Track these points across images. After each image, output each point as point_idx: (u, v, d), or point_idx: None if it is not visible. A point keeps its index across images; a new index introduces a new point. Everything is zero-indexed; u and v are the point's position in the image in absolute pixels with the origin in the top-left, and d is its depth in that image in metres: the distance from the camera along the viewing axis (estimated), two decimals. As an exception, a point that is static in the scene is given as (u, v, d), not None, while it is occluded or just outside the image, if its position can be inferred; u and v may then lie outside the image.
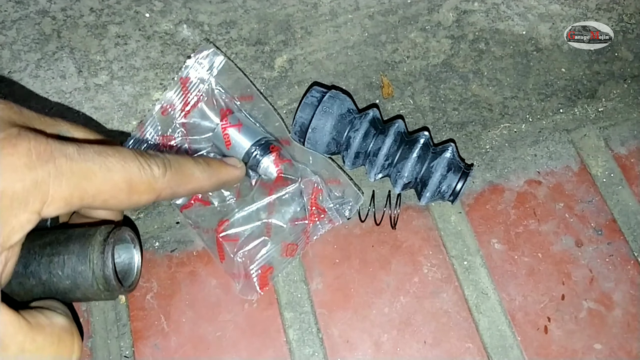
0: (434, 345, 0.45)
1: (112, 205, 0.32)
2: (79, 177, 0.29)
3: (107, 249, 0.35)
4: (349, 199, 0.48)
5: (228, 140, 0.47)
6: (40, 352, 0.29)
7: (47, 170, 0.28)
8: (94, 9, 0.57)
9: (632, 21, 0.59)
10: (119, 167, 0.31)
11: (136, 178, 0.32)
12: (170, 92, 0.49)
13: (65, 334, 0.31)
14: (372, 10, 0.59)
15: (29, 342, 0.28)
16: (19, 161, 0.27)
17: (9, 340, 0.27)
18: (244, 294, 0.46)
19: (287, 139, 0.49)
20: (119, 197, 0.32)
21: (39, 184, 0.27)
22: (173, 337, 0.45)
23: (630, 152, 0.52)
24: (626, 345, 0.45)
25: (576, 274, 0.47)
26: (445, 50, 0.57)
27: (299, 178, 0.48)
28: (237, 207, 0.48)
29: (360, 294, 0.46)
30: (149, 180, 0.33)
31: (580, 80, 0.56)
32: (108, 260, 0.35)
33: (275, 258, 0.47)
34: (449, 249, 0.48)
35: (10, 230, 0.27)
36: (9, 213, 0.27)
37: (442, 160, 0.45)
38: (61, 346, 0.30)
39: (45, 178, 0.28)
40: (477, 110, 0.54)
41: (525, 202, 0.50)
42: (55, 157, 0.28)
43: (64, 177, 0.28)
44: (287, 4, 0.59)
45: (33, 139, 0.28)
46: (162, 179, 0.34)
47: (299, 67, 0.56)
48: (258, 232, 0.47)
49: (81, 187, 0.29)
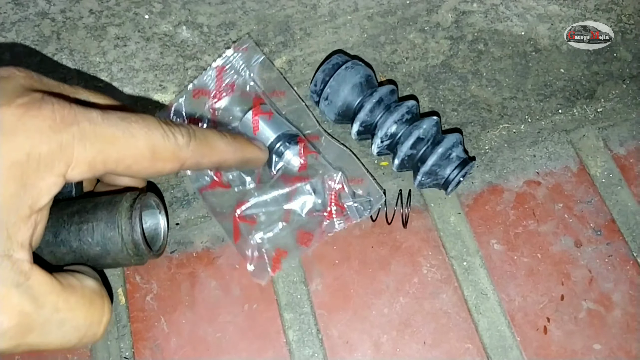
0: (433, 346, 0.45)
1: (136, 172, 0.32)
2: (102, 141, 0.29)
3: (135, 214, 0.36)
4: (370, 198, 0.48)
5: (256, 126, 0.48)
6: (72, 312, 0.29)
7: (72, 133, 0.28)
8: (93, 10, 0.57)
9: (631, 22, 0.59)
10: (142, 133, 0.31)
11: (160, 145, 0.32)
12: (204, 78, 0.51)
13: (96, 297, 0.31)
14: (371, 11, 0.59)
15: (62, 302, 0.28)
16: (44, 123, 0.27)
17: (44, 299, 0.27)
18: (256, 275, 0.46)
19: (317, 135, 0.50)
20: (142, 163, 0.31)
21: (64, 147, 0.27)
22: (173, 338, 0.45)
23: (629, 152, 0.52)
24: (625, 345, 0.45)
25: (575, 275, 0.47)
26: (444, 51, 0.57)
27: (322, 172, 0.48)
28: (257, 192, 0.48)
29: (360, 294, 0.46)
30: (172, 148, 0.33)
31: (579, 81, 0.56)
32: (136, 225, 0.36)
33: (290, 243, 0.47)
34: (448, 250, 0.48)
35: (37, 192, 0.27)
36: (35, 176, 0.27)
37: (440, 147, 0.45)
38: (92, 308, 0.31)
39: (69, 141, 0.27)
40: (476, 111, 0.54)
41: (524, 203, 0.50)
42: (79, 121, 0.28)
43: (88, 141, 0.28)
44: (286, 5, 0.59)
45: (56, 102, 0.28)
46: (186, 148, 0.34)
47: (298, 68, 0.56)
48: (276, 217, 0.48)
49: (105, 152, 0.29)
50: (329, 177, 0.48)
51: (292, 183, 0.48)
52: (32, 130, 0.26)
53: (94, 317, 0.30)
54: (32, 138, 0.26)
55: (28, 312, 0.26)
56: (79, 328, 0.29)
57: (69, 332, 0.29)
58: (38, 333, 0.27)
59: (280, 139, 0.48)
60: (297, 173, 0.48)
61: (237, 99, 0.51)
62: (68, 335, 0.29)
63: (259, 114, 0.48)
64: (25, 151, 0.26)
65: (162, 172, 0.33)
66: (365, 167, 0.50)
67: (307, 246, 0.47)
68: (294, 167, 0.48)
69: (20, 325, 0.26)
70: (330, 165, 0.49)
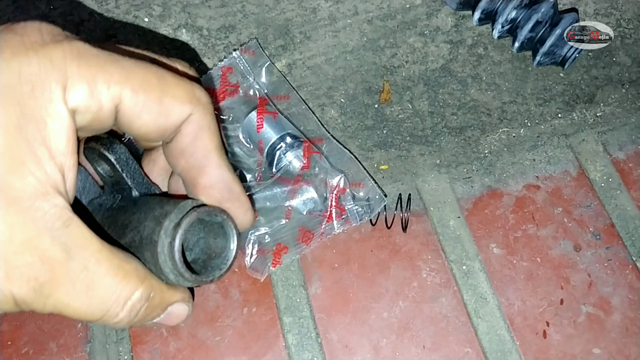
0: (433, 349, 0.45)
1: (143, 107, 0.26)
2: (99, 59, 0.25)
3: (178, 238, 0.27)
4: (371, 202, 0.48)
5: (260, 125, 0.48)
6: (102, 279, 0.26)
7: (62, 48, 0.24)
8: (93, 13, 0.57)
9: (630, 26, 0.59)
10: (147, 62, 0.27)
11: (168, 76, 0.27)
12: (210, 76, 0.51)
13: (132, 275, 0.27)
14: (371, 15, 0.59)
15: (93, 263, 0.25)
16: (29, 40, 0.24)
17: (76, 251, 0.25)
18: (255, 269, 0.46)
19: (320, 137, 0.51)
20: (151, 91, 0.26)
21: (55, 63, 0.24)
22: (172, 342, 0.45)
23: (629, 156, 0.52)
24: (625, 349, 0.45)
25: (575, 279, 0.47)
26: (444, 55, 0.57)
27: (324, 174, 0.48)
28: (258, 188, 0.48)
29: (359, 298, 0.46)
30: (181, 79, 0.28)
31: (579, 85, 0.56)
32: (179, 259, 0.28)
33: (291, 240, 0.47)
34: (447, 254, 0.48)
35: (43, 124, 0.24)
36: (33, 102, 0.23)
37: (557, 29, 0.51)
38: (124, 282, 0.27)
39: (61, 56, 0.24)
40: (476, 115, 0.54)
41: (523, 207, 0.50)
42: (69, 39, 0.25)
43: (83, 58, 0.25)
44: (286, 8, 0.59)
45: (43, 23, 0.25)
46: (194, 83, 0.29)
47: (298, 72, 0.56)
48: (277, 213, 0.48)
49: (105, 69, 0.25)
50: (330, 179, 0.48)
51: (293, 182, 0.48)
52: (19, 47, 0.24)
53: (122, 292, 0.27)
54: (18, 55, 0.23)
55: (57, 260, 0.24)
56: (104, 299, 0.26)
57: (94, 301, 0.26)
58: (65, 290, 0.25)
59: (283, 138, 0.48)
60: (299, 173, 0.48)
61: (241, 99, 0.52)
62: (93, 304, 0.26)
63: (264, 113, 0.48)
64: (15, 71, 0.23)
65: (171, 115, 0.27)
66: (367, 171, 0.50)
67: (307, 245, 0.47)
68: (295, 169, 0.48)
69: (50, 273, 0.24)
70: (333, 167, 0.49)
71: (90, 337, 0.45)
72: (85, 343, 0.45)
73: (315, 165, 0.48)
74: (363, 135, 0.53)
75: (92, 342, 0.45)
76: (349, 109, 0.54)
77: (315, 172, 0.48)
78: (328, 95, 0.55)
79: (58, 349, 0.45)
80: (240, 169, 0.49)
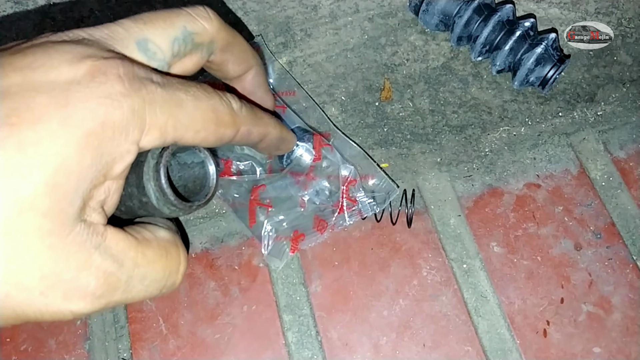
0: (433, 348, 0.45)
1: (203, 139, 0.30)
2: (170, 104, 0.28)
3: (161, 172, 0.31)
4: (382, 193, 0.48)
5: None
6: (151, 265, 0.29)
7: (142, 97, 0.26)
8: (93, 10, 0.57)
9: (631, 25, 0.59)
10: (204, 96, 0.30)
11: (220, 108, 0.31)
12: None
13: (171, 246, 0.31)
14: (371, 12, 0.59)
15: (140, 257, 0.28)
16: (113, 89, 0.25)
17: (123, 256, 0.27)
18: (273, 254, 0.47)
19: (329, 132, 0.51)
20: (208, 127, 0.30)
21: (136, 112, 0.26)
22: (171, 339, 0.45)
23: (629, 155, 0.52)
24: (625, 348, 0.45)
25: (575, 278, 0.47)
26: (445, 53, 0.57)
27: (335, 166, 0.48)
28: (271, 179, 0.48)
29: (360, 296, 0.46)
30: (230, 111, 0.32)
31: (579, 84, 0.56)
32: (167, 188, 0.31)
33: (308, 227, 0.47)
34: (448, 252, 0.48)
35: (112, 161, 0.26)
36: (111, 145, 0.25)
37: (532, 54, 0.51)
38: (169, 258, 0.30)
39: (141, 105, 0.26)
40: (477, 114, 0.54)
41: (524, 206, 0.50)
42: (145, 85, 0.27)
43: (157, 105, 0.27)
44: (287, 6, 0.59)
45: (120, 64, 0.26)
46: (240, 113, 0.33)
47: (299, 69, 0.56)
48: (291, 203, 0.48)
49: (174, 116, 0.28)
50: (341, 171, 0.48)
51: (305, 175, 0.48)
52: (103, 97, 0.25)
53: (172, 267, 0.30)
54: (104, 105, 0.25)
55: (112, 272, 0.26)
56: (159, 280, 0.29)
57: (150, 285, 0.29)
58: (123, 290, 0.27)
59: (293, 132, 0.48)
60: (310, 165, 0.48)
61: None
62: (150, 287, 0.29)
63: None
64: (100, 120, 0.25)
65: (223, 139, 0.32)
66: (377, 164, 0.50)
67: (322, 233, 0.47)
68: (306, 162, 0.48)
69: (106, 284, 0.26)
70: (344, 160, 0.49)
71: (90, 334, 0.45)
72: (85, 340, 0.45)
73: (326, 157, 0.49)
74: (363, 133, 0.53)
75: (91, 339, 0.45)
76: (349, 107, 0.54)
77: (326, 165, 0.49)
78: (329, 93, 0.55)
79: (57, 346, 0.45)
80: (250, 162, 0.49)
